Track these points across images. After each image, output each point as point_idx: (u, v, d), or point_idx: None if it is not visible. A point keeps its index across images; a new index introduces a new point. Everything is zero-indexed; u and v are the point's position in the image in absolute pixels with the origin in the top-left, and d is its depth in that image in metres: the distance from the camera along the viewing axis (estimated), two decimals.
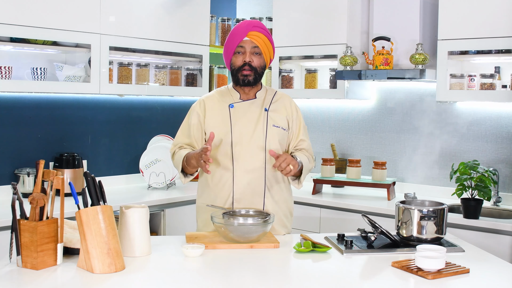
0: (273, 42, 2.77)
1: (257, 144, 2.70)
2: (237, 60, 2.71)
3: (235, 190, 2.70)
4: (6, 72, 3.36)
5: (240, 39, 2.68)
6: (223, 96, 2.79)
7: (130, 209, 2.29)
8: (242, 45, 2.69)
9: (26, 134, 3.76)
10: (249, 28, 2.68)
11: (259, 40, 2.68)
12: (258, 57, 2.71)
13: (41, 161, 2.13)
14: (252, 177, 2.69)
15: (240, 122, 2.72)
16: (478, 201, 3.38)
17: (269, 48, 2.73)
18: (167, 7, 4.11)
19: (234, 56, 2.71)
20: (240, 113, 2.74)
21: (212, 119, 2.74)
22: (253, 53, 2.69)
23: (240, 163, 2.69)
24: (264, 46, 2.70)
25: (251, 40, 2.68)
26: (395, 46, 3.86)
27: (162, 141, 4.32)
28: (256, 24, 2.70)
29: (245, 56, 2.69)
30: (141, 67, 4.13)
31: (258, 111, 2.75)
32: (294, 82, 4.53)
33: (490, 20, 3.51)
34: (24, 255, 2.07)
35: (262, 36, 2.69)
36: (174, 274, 2.11)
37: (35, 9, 3.40)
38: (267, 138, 2.71)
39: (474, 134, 3.94)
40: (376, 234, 2.48)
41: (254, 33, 2.68)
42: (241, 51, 2.70)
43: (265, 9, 4.87)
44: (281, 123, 2.76)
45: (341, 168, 4.35)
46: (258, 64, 2.71)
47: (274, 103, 2.79)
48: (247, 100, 2.77)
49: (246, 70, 2.69)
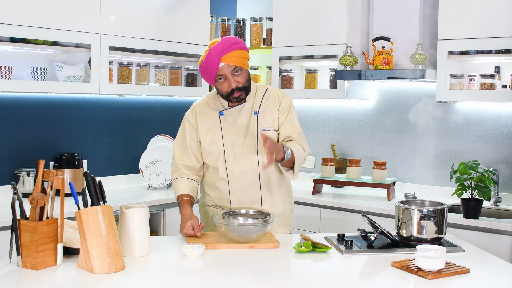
0: (244, 45, 2.62)
1: (249, 151, 2.68)
2: (223, 87, 2.61)
3: (232, 199, 2.71)
4: (6, 72, 3.36)
5: (216, 68, 2.55)
6: (213, 103, 2.74)
7: (130, 209, 2.29)
8: (221, 73, 2.57)
9: (26, 134, 3.76)
10: (220, 54, 2.54)
11: (234, 60, 2.56)
12: (240, 75, 2.60)
13: (41, 161, 2.13)
14: (247, 185, 2.70)
15: (231, 131, 2.69)
16: (478, 201, 3.38)
17: (245, 56, 2.61)
18: (167, 7, 4.11)
19: (217, 83, 2.61)
20: (230, 121, 2.70)
21: (204, 128, 2.72)
22: (234, 75, 2.58)
23: (234, 173, 2.69)
24: (241, 60, 2.58)
25: (227, 64, 2.56)
26: (395, 46, 3.86)
27: (162, 141, 4.32)
28: (225, 47, 2.55)
29: (229, 82, 2.58)
30: (141, 67, 4.13)
31: (248, 115, 2.71)
32: (294, 82, 4.53)
33: (490, 20, 3.51)
34: (24, 255, 2.07)
35: (234, 52, 2.56)
36: (174, 274, 2.11)
37: (35, 9, 3.40)
38: (258, 143, 2.68)
39: (474, 134, 3.94)
40: (376, 234, 2.48)
41: (227, 55, 2.54)
42: (222, 78, 2.58)
43: (265, 9, 4.87)
44: (271, 125, 2.71)
45: (341, 168, 4.35)
46: (243, 81, 2.61)
47: (264, 104, 2.73)
48: (237, 105, 2.72)
49: (236, 93, 2.61)
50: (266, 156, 2.45)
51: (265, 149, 2.44)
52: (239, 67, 2.59)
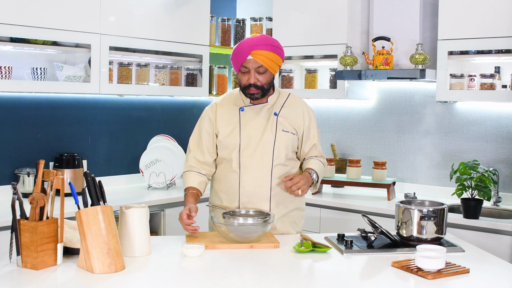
0: (281, 51, 2.65)
1: (265, 149, 2.69)
2: (243, 78, 2.66)
3: (241, 193, 2.70)
4: (6, 72, 3.36)
5: (243, 59, 2.60)
6: (235, 99, 2.78)
7: (130, 209, 2.29)
8: (246, 65, 2.62)
9: (26, 134, 3.76)
10: (251, 48, 2.58)
11: (262, 58, 2.59)
12: (264, 75, 2.64)
13: (41, 161, 2.13)
14: (258, 181, 2.69)
15: (249, 126, 2.71)
16: (478, 201, 3.38)
17: (276, 61, 2.64)
18: (167, 7, 4.11)
19: (240, 73, 2.67)
20: (250, 116, 2.73)
21: (222, 122, 2.73)
22: (257, 72, 2.63)
23: (247, 167, 2.69)
24: (269, 62, 2.61)
25: (255, 59, 2.59)
26: (395, 46, 3.86)
27: (162, 141, 4.31)
28: (259, 43, 2.60)
29: (249, 77, 2.63)
30: (141, 67, 4.13)
31: (268, 115, 2.73)
32: (294, 82, 4.53)
33: (490, 20, 3.51)
34: (24, 255, 2.07)
35: (266, 52, 2.59)
36: (174, 274, 2.11)
37: (35, 9, 3.40)
38: (276, 143, 2.70)
39: (474, 134, 3.94)
40: (376, 234, 2.48)
41: (258, 52, 2.58)
42: (245, 70, 2.64)
43: (265, 9, 4.87)
44: (291, 128, 2.74)
45: (341, 168, 4.35)
46: (264, 82, 2.65)
47: (285, 108, 2.76)
48: (258, 104, 2.75)
49: (252, 89, 2.65)
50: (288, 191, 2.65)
51: (286, 188, 2.63)
52: (264, 67, 2.62)
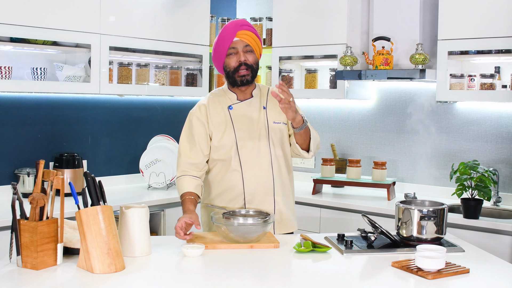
0: (260, 38, 2.80)
1: (261, 143, 2.71)
2: (231, 61, 2.70)
3: (246, 191, 2.70)
4: (6, 72, 3.36)
5: (230, 40, 2.68)
6: (220, 98, 2.78)
7: (130, 209, 2.29)
8: (234, 46, 2.69)
9: (26, 134, 3.76)
10: (237, 28, 2.68)
11: (249, 39, 2.69)
12: (251, 55, 2.72)
13: (41, 161, 2.13)
14: (261, 176, 2.71)
15: (242, 124, 2.72)
16: (478, 201, 3.38)
17: (258, 45, 2.75)
18: (167, 7, 4.11)
19: (227, 57, 2.71)
20: (240, 113, 2.74)
21: (215, 123, 2.73)
22: (245, 52, 2.70)
23: (248, 164, 2.70)
24: (254, 43, 2.72)
25: (242, 39, 2.68)
26: (395, 46, 3.86)
27: (162, 141, 4.32)
28: (243, 23, 2.71)
29: (239, 56, 2.69)
30: (141, 67, 4.13)
31: (257, 110, 2.76)
32: (294, 82, 4.53)
33: (490, 20, 3.51)
34: (24, 255, 2.07)
35: (251, 33, 2.70)
36: (174, 274, 2.11)
37: (35, 9, 3.40)
38: (270, 135, 2.73)
39: (474, 134, 3.94)
40: (376, 234, 2.48)
41: (243, 32, 2.68)
42: (233, 52, 2.70)
43: (265, 9, 4.87)
44: (280, 118, 2.76)
45: (341, 168, 4.35)
46: (253, 61, 2.72)
47: (270, 100, 2.80)
48: (245, 100, 2.77)
49: (243, 70, 2.69)
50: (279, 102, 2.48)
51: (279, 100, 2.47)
52: (251, 47, 2.70)
